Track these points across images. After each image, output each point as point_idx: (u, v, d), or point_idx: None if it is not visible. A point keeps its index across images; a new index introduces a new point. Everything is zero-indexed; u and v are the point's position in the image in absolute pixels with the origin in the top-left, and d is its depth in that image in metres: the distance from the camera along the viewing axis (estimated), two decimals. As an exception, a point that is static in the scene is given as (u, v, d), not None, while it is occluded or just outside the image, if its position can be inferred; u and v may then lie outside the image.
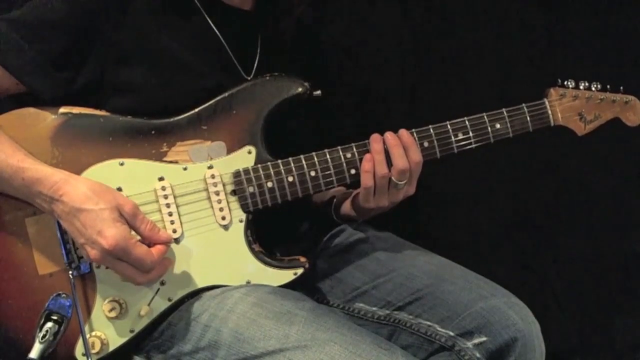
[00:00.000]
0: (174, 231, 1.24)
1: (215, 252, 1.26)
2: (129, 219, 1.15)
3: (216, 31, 1.36)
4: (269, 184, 1.28)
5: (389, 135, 1.31)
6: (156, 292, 1.24)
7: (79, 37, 1.23)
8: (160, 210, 1.24)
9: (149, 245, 1.16)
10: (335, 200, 1.49)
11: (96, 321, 1.22)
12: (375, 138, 1.30)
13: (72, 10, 1.22)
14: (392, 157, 1.29)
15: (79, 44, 1.23)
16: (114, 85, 1.26)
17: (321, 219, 1.52)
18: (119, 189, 1.22)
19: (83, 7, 1.22)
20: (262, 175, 1.28)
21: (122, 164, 1.24)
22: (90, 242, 1.12)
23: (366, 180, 1.29)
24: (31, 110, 1.23)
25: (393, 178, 1.30)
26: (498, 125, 1.36)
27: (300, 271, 1.29)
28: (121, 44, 1.25)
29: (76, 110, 1.25)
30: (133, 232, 1.16)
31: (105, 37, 1.24)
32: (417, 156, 1.31)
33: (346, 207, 1.46)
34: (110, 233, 1.11)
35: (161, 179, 1.24)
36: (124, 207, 1.15)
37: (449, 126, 1.34)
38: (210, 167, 1.27)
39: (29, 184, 1.15)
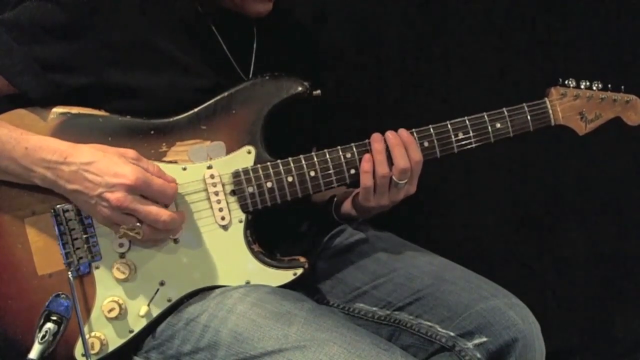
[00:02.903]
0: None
1: (215, 252, 1.26)
2: (136, 163, 1.15)
3: (214, 31, 1.36)
4: (269, 184, 1.28)
5: (390, 134, 1.30)
6: (155, 293, 1.24)
7: (71, 41, 1.22)
8: (159, 211, 1.23)
9: None
10: (335, 199, 1.49)
11: (95, 322, 1.22)
12: (375, 138, 1.30)
13: (64, 13, 1.21)
14: (393, 156, 1.29)
15: (72, 46, 1.22)
16: (111, 87, 1.25)
17: (321, 218, 1.52)
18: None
19: (76, 10, 1.21)
20: (262, 176, 1.27)
21: (121, 164, 1.23)
22: (110, 186, 1.11)
23: (365, 180, 1.29)
24: (30, 110, 1.23)
25: (394, 178, 1.29)
26: (498, 125, 1.36)
27: (299, 271, 1.29)
28: (116, 45, 1.24)
29: (75, 110, 1.24)
30: None
31: (99, 39, 1.23)
32: (417, 155, 1.30)
33: (347, 207, 1.46)
34: (128, 170, 1.12)
35: (161, 179, 1.24)
36: (127, 153, 1.16)
37: (449, 126, 1.33)
38: (209, 167, 1.26)
39: (31, 152, 1.14)
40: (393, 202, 1.34)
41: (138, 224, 1.14)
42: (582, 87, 1.41)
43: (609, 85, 1.43)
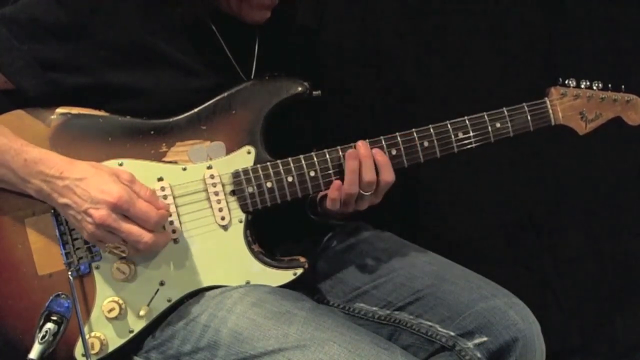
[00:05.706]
0: (174, 231, 1.24)
1: (215, 252, 1.26)
2: (128, 185, 1.15)
3: (216, 32, 1.36)
4: (269, 184, 1.28)
5: (360, 145, 1.28)
6: (155, 293, 1.24)
7: (71, 40, 1.22)
8: (159, 211, 1.23)
9: None
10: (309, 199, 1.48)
11: (96, 322, 1.22)
12: (351, 154, 1.27)
13: (64, 12, 1.21)
14: (361, 169, 1.27)
15: (71, 46, 1.22)
16: (111, 87, 1.25)
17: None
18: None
19: (76, 9, 1.21)
20: (262, 176, 1.27)
21: (121, 165, 1.23)
22: (95, 202, 1.11)
23: (332, 204, 1.29)
24: (30, 110, 1.23)
25: (361, 190, 1.28)
26: (498, 125, 1.35)
27: (299, 271, 1.29)
28: (116, 46, 1.24)
29: (75, 110, 1.24)
30: None
31: (98, 39, 1.23)
32: (389, 177, 1.28)
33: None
34: (114, 188, 1.12)
35: (160, 179, 1.24)
36: (121, 175, 1.16)
37: (449, 125, 1.33)
38: (209, 168, 1.26)
39: (30, 164, 1.15)
40: (356, 210, 1.33)
41: (122, 243, 1.15)
42: (582, 86, 1.41)
43: (609, 85, 1.42)
